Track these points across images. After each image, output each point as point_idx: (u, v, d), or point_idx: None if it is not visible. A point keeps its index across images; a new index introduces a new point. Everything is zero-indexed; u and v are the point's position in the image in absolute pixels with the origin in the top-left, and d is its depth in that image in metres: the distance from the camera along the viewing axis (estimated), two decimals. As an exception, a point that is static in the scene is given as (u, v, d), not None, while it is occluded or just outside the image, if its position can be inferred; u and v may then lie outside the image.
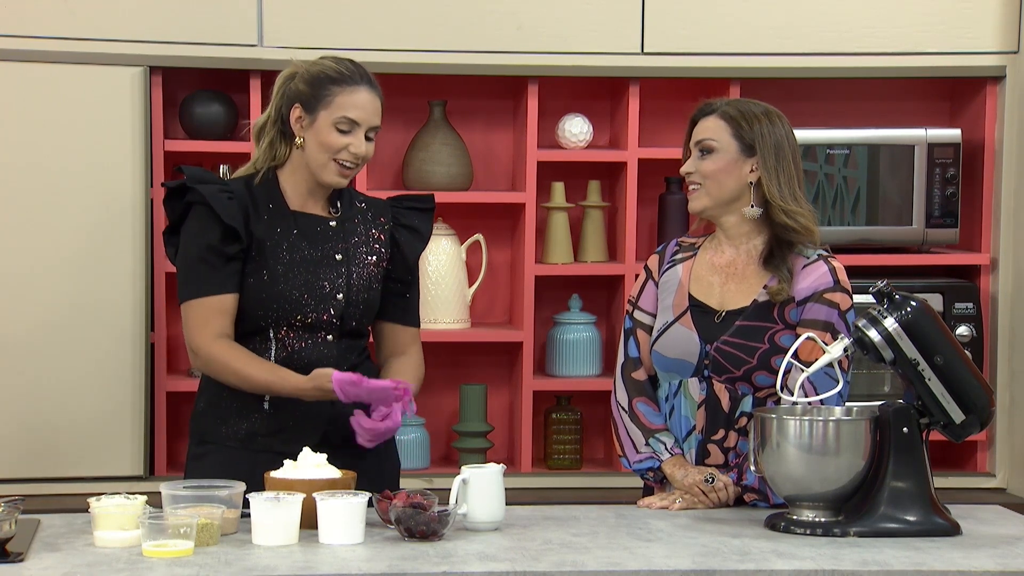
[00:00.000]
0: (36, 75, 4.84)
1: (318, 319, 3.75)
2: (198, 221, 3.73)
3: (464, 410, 5.16)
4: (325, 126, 3.74)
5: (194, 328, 3.73)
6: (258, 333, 3.76)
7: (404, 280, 3.88)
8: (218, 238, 3.71)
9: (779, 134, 3.77)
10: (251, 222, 3.74)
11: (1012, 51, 5.14)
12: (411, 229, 3.89)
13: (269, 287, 3.74)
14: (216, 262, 3.72)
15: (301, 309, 3.75)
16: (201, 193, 3.71)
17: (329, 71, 3.77)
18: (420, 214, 3.92)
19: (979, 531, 3.49)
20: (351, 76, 3.77)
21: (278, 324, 3.75)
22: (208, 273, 3.72)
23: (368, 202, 3.90)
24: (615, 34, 5.06)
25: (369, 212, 3.87)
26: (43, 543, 3.29)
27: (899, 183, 5.18)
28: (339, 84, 3.75)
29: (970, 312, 5.13)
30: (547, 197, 5.24)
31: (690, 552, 3.27)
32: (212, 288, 3.72)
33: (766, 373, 3.71)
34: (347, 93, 3.75)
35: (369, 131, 3.76)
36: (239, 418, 3.77)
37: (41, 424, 4.85)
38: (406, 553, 3.23)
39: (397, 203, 3.92)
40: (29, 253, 4.84)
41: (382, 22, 4.99)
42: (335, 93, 3.74)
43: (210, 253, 3.71)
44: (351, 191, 3.89)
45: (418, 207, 3.93)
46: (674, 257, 3.87)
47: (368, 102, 3.76)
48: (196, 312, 3.73)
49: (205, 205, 3.71)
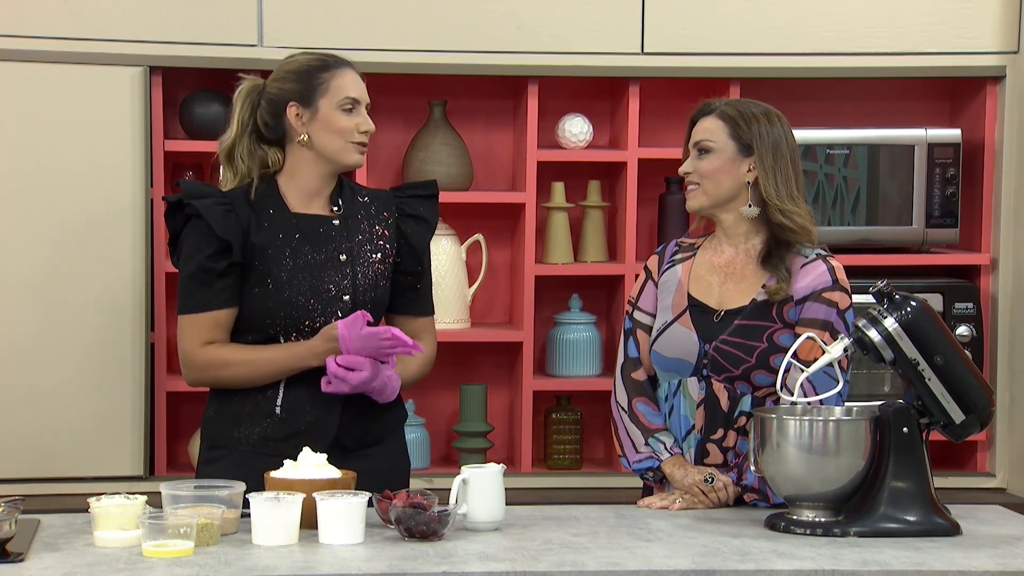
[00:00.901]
0: (36, 75, 4.84)
1: (326, 323, 3.75)
2: (194, 236, 3.74)
3: (464, 410, 5.16)
4: (330, 112, 3.76)
5: (186, 341, 3.76)
6: (267, 342, 3.76)
7: (414, 271, 3.88)
8: (210, 254, 3.72)
9: (777, 134, 3.77)
10: (252, 232, 3.74)
11: (1012, 51, 5.14)
12: (417, 218, 3.88)
13: (275, 295, 3.74)
14: (207, 279, 3.73)
15: (308, 315, 3.75)
16: (196, 208, 3.72)
17: (311, 62, 3.80)
18: (424, 201, 3.91)
19: (979, 531, 3.49)
20: (334, 62, 3.81)
21: (287, 331, 3.76)
22: (199, 290, 3.74)
23: (371, 195, 3.89)
24: (615, 34, 5.06)
25: (372, 206, 3.86)
26: (43, 543, 3.29)
27: (899, 183, 5.18)
28: (327, 71, 3.78)
29: (970, 312, 5.13)
30: (547, 197, 5.24)
31: (690, 552, 3.27)
32: (202, 304, 3.74)
33: (765, 372, 3.71)
34: (338, 76, 3.78)
35: (368, 107, 3.81)
36: (251, 423, 3.77)
37: (41, 424, 4.86)
38: (406, 553, 3.23)
39: (400, 192, 3.92)
40: (29, 253, 4.84)
41: (382, 22, 4.99)
42: (327, 79, 3.77)
43: (201, 270, 3.73)
44: (352, 185, 3.89)
45: (422, 194, 3.93)
46: (673, 257, 3.87)
47: (356, 79, 3.82)
48: (188, 326, 3.76)
49: (201, 219, 3.72)
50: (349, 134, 3.76)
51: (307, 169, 3.79)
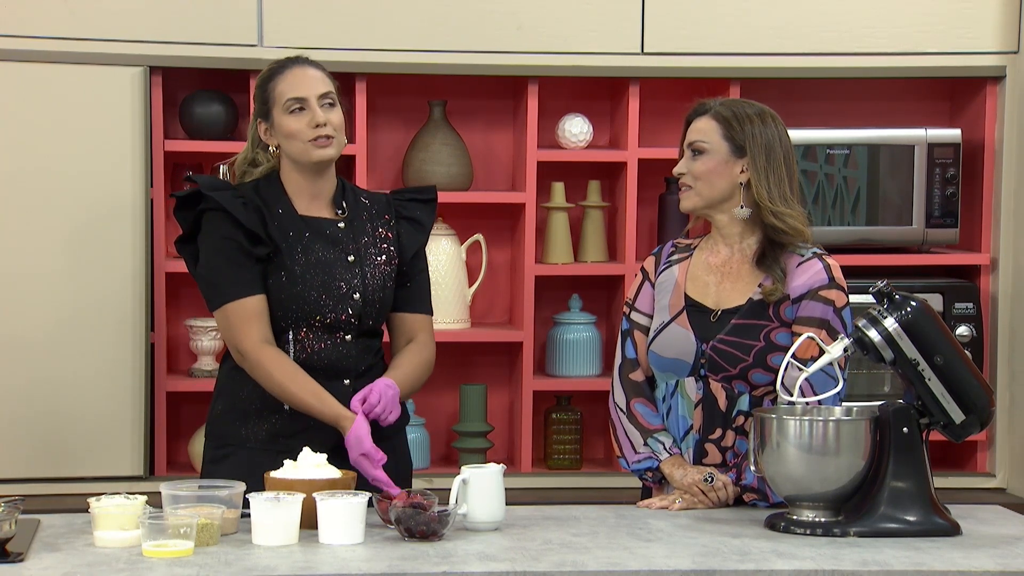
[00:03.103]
0: (36, 75, 4.84)
1: (336, 319, 3.76)
2: (218, 226, 3.73)
3: (464, 410, 5.16)
4: (280, 118, 3.77)
5: (239, 331, 3.72)
6: (278, 335, 3.76)
7: (402, 271, 3.88)
8: (241, 241, 3.72)
9: (770, 135, 3.76)
10: (267, 225, 3.75)
11: (1012, 51, 5.14)
12: (412, 220, 3.89)
13: (288, 288, 3.74)
14: (246, 262, 3.72)
15: (320, 310, 3.75)
16: (217, 200, 3.72)
17: (263, 76, 3.84)
18: (421, 205, 3.93)
19: (979, 531, 3.49)
20: (279, 66, 3.82)
21: (297, 325, 3.76)
22: (240, 275, 3.72)
23: (371, 199, 3.90)
24: (615, 34, 5.06)
25: (374, 209, 3.87)
26: (43, 543, 3.29)
27: (899, 183, 5.18)
28: (273, 78, 3.80)
29: (970, 312, 5.13)
30: (547, 197, 5.25)
31: (690, 552, 3.27)
32: (247, 289, 3.72)
33: (762, 371, 3.71)
34: (281, 81, 3.79)
35: (321, 99, 3.77)
36: (259, 420, 3.78)
37: (41, 424, 4.85)
38: (406, 553, 3.23)
39: (399, 196, 3.93)
40: (29, 253, 4.84)
41: (382, 22, 4.99)
42: (274, 87, 3.79)
43: (240, 254, 3.72)
44: (353, 189, 3.90)
45: (419, 199, 3.94)
46: (670, 258, 3.87)
47: (303, 76, 3.78)
48: (236, 315, 3.72)
49: (222, 211, 3.72)
50: (302, 134, 3.75)
51: (295, 175, 3.81)
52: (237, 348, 3.74)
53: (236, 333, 3.72)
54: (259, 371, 3.71)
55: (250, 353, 3.71)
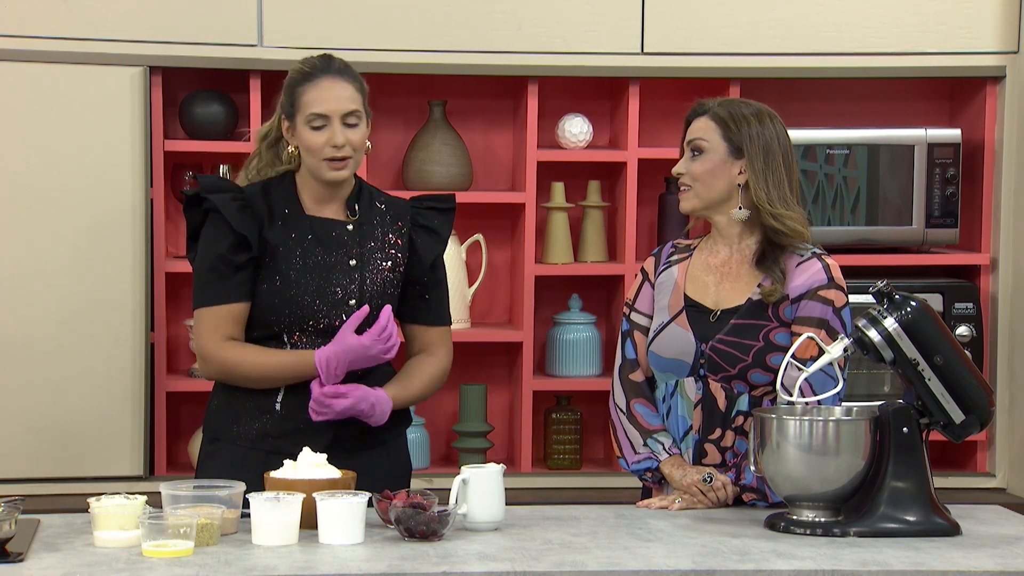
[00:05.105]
0: (36, 75, 4.84)
1: (330, 324, 3.76)
2: (212, 230, 3.75)
3: (464, 410, 5.16)
4: (302, 129, 3.74)
5: (203, 335, 3.75)
6: (271, 338, 3.77)
7: (422, 282, 3.87)
8: (228, 247, 3.72)
9: (769, 136, 3.75)
10: (265, 229, 3.75)
11: (1012, 51, 5.14)
12: (428, 230, 3.87)
13: (282, 292, 3.74)
14: (226, 271, 3.73)
15: (313, 315, 3.75)
16: (213, 202, 3.72)
17: (296, 73, 3.78)
18: (439, 214, 3.90)
19: (979, 531, 3.49)
20: (312, 71, 3.76)
21: (291, 329, 3.76)
22: (218, 282, 3.73)
23: (388, 203, 3.88)
24: (615, 34, 5.06)
25: (388, 214, 3.86)
26: (43, 543, 3.29)
27: (899, 183, 5.18)
28: (303, 83, 3.75)
29: (970, 312, 5.13)
30: (547, 197, 5.25)
31: (690, 552, 3.27)
32: (221, 297, 3.74)
33: (761, 371, 3.71)
34: (310, 90, 3.74)
35: (347, 118, 3.73)
36: (251, 418, 3.78)
37: (41, 424, 4.86)
38: (406, 553, 3.23)
39: (417, 203, 3.91)
40: (29, 253, 4.84)
41: (382, 22, 4.99)
42: (301, 94, 3.75)
43: (220, 263, 3.73)
44: (372, 191, 3.88)
45: (438, 207, 3.91)
46: (670, 259, 3.87)
47: (331, 90, 3.73)
48: (206, 319, 3.75)
49: (218, 213, 3.72)
50: (319, 152, 3.73)
51: (310, 179, 3.79)
52: (200, 352, 3.77)
53: (201, 336, 3.75)
54: (226, 367, 3.73)
55: (212, 354, 3.73)
